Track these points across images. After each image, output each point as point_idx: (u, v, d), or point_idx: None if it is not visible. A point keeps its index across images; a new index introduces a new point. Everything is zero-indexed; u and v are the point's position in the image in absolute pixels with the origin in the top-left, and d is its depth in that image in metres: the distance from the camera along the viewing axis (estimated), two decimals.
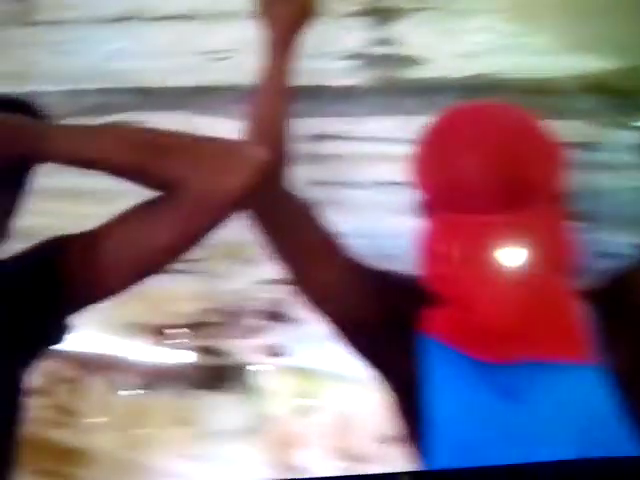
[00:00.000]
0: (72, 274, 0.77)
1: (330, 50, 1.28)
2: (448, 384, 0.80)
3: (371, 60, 1.28)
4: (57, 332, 0.81)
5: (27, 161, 0.84)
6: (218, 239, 1.04)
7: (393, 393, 0.87)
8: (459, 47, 1.20)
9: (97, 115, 1.49)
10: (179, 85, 1.45)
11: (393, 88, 1.27)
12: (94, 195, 1.25)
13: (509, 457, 0.77)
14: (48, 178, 0.83)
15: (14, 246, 0.97)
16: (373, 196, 1.27)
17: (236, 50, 1.28)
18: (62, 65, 1.55)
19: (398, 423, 0.86)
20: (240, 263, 1.22)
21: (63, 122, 1.43)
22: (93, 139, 0.83)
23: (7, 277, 0.78)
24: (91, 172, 0.83)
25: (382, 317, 0.87)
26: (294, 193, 0.97)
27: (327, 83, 1.30)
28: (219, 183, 0.78)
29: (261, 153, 0.82)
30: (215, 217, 0.81)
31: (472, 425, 0.79)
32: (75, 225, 0.81)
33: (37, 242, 0.81)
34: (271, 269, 1.02)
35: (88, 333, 1.52)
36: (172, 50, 1.44)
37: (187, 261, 1.40)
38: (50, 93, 1.53)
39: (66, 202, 1.39)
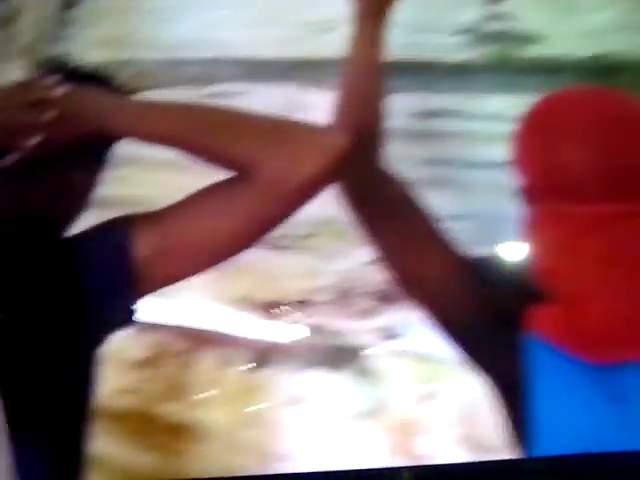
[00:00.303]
0: (140, 255, 0.83)
1: (443, 24, 1.33)
2: (552, 384, 0.83)
3: (485, 36, 1.32)
4: (125, 315, 0.87)
5: (101, 136, 0.90)
6: (326, 216, 1.04)
7: (496, 390, 0.92)
8: (578, 25, 1.23)
9: (197, 85, 1.62)
10: (282, 57, 1.52)
11: (508, 65, 1.31)
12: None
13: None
14: (150, 149, 0.89)
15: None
16: (487, 176, 1.33)
17: (342, 21, 1.30)
18: (162, 33, 1.68)
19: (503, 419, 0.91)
20: (350, 242, 1.30)
21: (162, 92, 1.50)
22: (168, 116, 0.90)
23: (76, 254, 0.85)
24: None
25: (484, 313, 0.90)
26: (391, 174, 1.02)
27: (440, 58, 1.36)
28: (293, 169, 0.82)
29: (341, 140, 0.86)
30: (288, 204, 0.85)
31: (576, 427, 0.82)
32: (177, 196, 0.87)
33: (108, 219, 0.88)
34: None
35: (198, 307, 1.68)
36: (275, 20, 1.53)
37: (295, 238, 1.51)
38: (149, 61, 1.69)
39: (168, 173, 1.46)
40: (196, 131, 0.88)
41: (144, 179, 1.68)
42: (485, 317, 0.90)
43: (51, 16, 1.82)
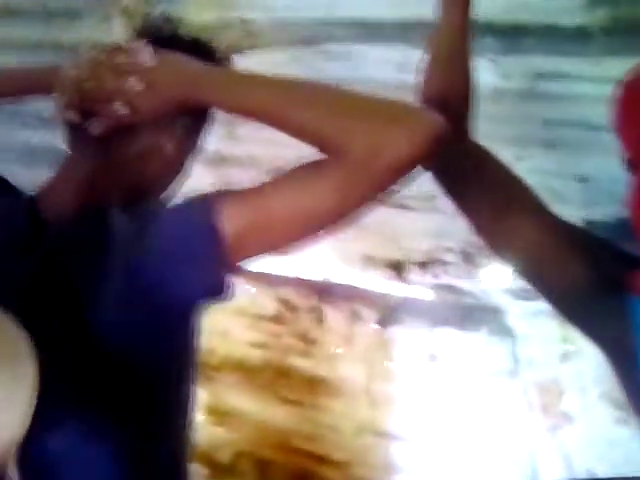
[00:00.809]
0: (231, 229, 0.90)
1: None
2: None
3: None
4: (215, 288, 0.94)
5: (192, 106, 1.00)
6: None
7: (607, 357, 0.99)
8: None
9: (307, 45, 1.80)
10: (393, 17, 1.68)
11: (627, 27, 1.42)
12: None
13: None
14: None
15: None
16: (602, 138, 1.35)
17: None
18: None
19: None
20: None
21: (270, 52, 1.70)
22: (261, 89, 0.98)
23: (169, 227, 0.94)
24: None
25: (587, 278, 0.96)
26: (476, 142, 1.12)
27: (556, 21, 1.48)
28: (387, 149, 0.87)
29: (437, 119, 0.92)
30: (380, 183, 0.91)
31: None
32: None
33: (199, 194, 0.97)
34: None
35: (326, 263, 1.89)
36: None
37: (419, 198, 1.57)
38: (258, 21, 1.89)
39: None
40: (287, 106, 0.95)
41: (261, 137, 1.91)
42: (588, 283, 0.95)
43: None
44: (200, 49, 1.10)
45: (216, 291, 0.95)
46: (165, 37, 1.12)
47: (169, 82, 0.98)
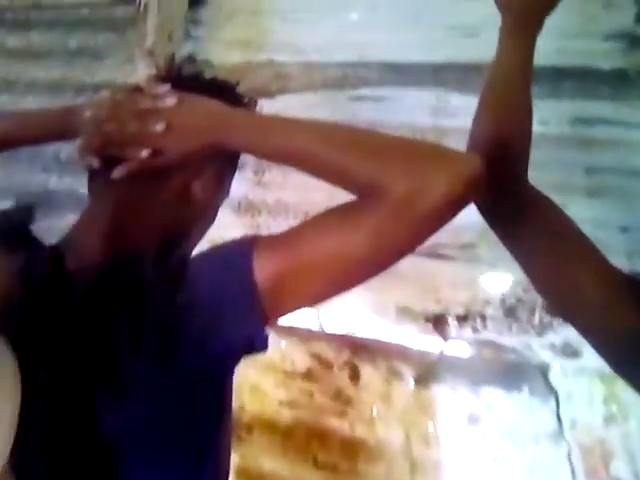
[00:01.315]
0: (265, 278, 0.94)
1: (593, 29, 1.62)
2: None
3: (638, 40, 1.59)
4: (257, 339, 0.98)
5: (217, 150, 1.05)
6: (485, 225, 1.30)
7: None
8: None
9: (340, 89, 1.95)
10: (425, 61, 1.83)
11: None
12: None
13: None
14: None
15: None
16: None
17: (487, 25, 1.67)
18: (298, 34, 2.04)
19: None
20: None
21: (302, 95, 1.83)
22: (289, 133, 1.02)
23: (203, 280, 0.97)
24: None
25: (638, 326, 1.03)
26: (534, 188, 1.20)
27: (594, 64, 1.63)
28: (426, 190, 0.92)
29: (476, 162, 0.97)
30: (419, 229, 0.96)
31: None
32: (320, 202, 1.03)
33: (231, 240, 1.02)
34: None
35: (360, 315, 1.98)
36: (415, 24, 1.85)
37: (456, 247, 1.68)
38: (287, 64, 2.07)
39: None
40: (320, 148, 0.99)
41: (290, 183, 2.03)
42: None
43: (179, 16, 2.19)
44: (225, 92, 1.17)
45: (253, 345, 0.98)
46: (189, 79, 1.21)
47: (193, 125, 1.03)
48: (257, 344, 0.98)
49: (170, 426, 0.98)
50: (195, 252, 1.13)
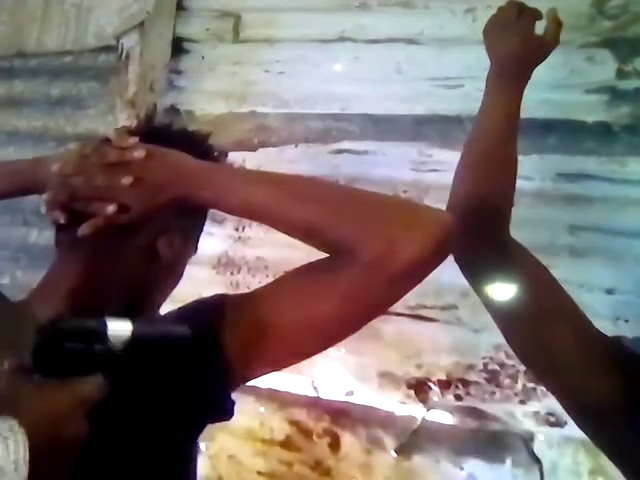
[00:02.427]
0: (235, 339, 0.96)
1: (576, 82, 1.65)
2: None
3: (621, 94, 1.62)
4: (224, 407, 0.99)
5: (185, 204, 1.06)
6: (464, 287, 1.30)
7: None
8: None
9: (321, 142, 2.01)
10: (409, 113, 1.87)
11: None
12: None
13: None
14: None
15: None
16: (637, 245, 1.60)
17: (469, 77, 1.73)
18: (281, 86, 2.08)
19: None
20: None
21: (283, 148, 1.87)
22: (255, 188, 1.03)
23: (172, 341, 0.95)
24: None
25: (619, 397, 1.05)
26: (516, 242, 1.23)
27: (578, 117, 1.67)
28: (397, 251, 0.93)
29: (447, 219, 1.00)
30: (393, 287, 0.97)
31: None
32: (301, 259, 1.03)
33: (200, 299, 1.04)
34: None
35: (341, 380, 1.98)
36: (398, 76, 1.89)
37: (435, 308, 1.68)
38: (270, 115, 2.11)
39: None
40: (289, 204, 1.00)
41: (270, 240, 2.03)
42: (623, 400, 1.04)
43: (161, 66, 2.23)
44: (195, 143, 1.17)
45: (220, 412, 0.99)
46: (158, 130, 1.23)
47: (161, 179, 1.03)
48: (224, 411, 1.00)
49: None
50: (167, 309, 1.14)
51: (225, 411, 1.00)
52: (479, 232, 1.20)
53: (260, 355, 0.98)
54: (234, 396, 1.01)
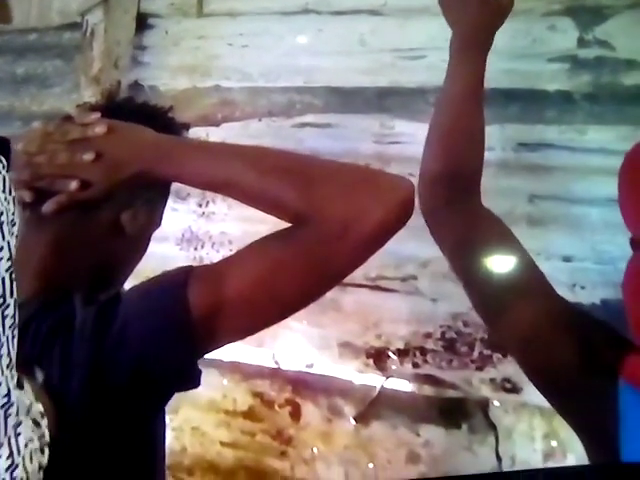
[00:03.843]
0: (200, 309, 0.93)
1: (538, 51, 1.60)
2: None
3: (582, 63, 1.58)
4: (190, 375, 0.98)
5: (148, 178, 1.04)
6: (423, 257, 1.25)
7: (584, 443, 1.08)
8: None
9: (285, 116, 1.96)
10: (372, 85, 1.82)
11: (612, 94, 1.55)
12: None
13: None
14: None
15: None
16: (602, 214, 1.55)
17: (433, 48, 1.68)
18: (244, 60, 2.03)
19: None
20: (456, 284, 1.43)
21: (246, 123, 1.81)
22: (220, 159, 1.02)
23: (135, 313, 0.95)
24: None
25: (579, 361, 1.04)
26: (487, 210, 1.22)
27: (540, 87, 1.63)
28: (359, 218, 0.93)
29: (407, 185, 0.99)
30: (353, 253, 0.96)
31: None
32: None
33: (165, 272, 1.01)
34: None
35: (301, 352, 1.96)
36: (362, 48, 1.84)
37: (395, 279, 1.65)
38: (234, 89, 2.05)
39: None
40: (251, 175, 0.98)
41: (234, 215, 2.00)
42: (579, 365, 1.03)
43: (125, 42, 2.16)
44: (156, 117, 1.17)
45: (186, 381, 0.98)
46: (120, 105, 1.21)
47: (122, 153, 1.02)
48: (190, 379, 0.98)
49: (97, 466, 0.94)
50: (132, 284, 1.10)
51: (191, 379, 0.98)
52: (450, 198, 1.19)
53: (224, 323, 0.95)
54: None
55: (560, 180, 1.61)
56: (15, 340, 0.72)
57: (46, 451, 0.77)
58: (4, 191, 0.70)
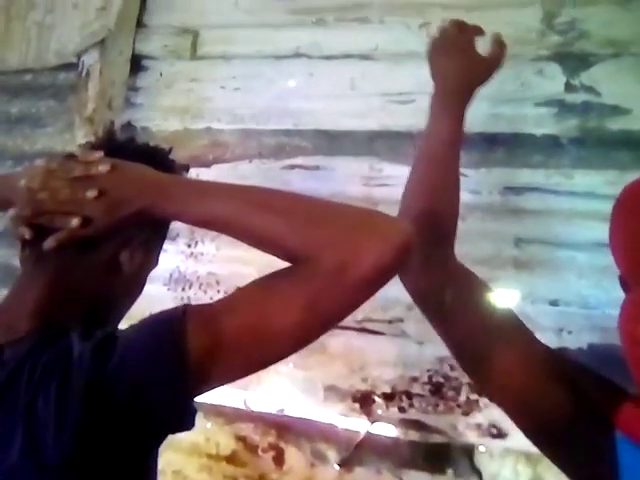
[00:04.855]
0: (195, 350, 0.92)
1: (526, 96, 1.62)
2: None
3: (569, 107, 1.60)
4: (186, 416, 0.96)
5: (148, 217, 1.04)
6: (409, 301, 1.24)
7: None
8: None
9: (274, 158, 1.96)
10: (362, 129, 1.83)
11: (598, 139, 1.57)
12: None
13: None
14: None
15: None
16: (588, 258, 1.55)
17: (422, 93, 1.56)
18: (235, 102, 2.05)
19: None
20: None
21: (237, 164, 1.81)
22: (216, 199, 1.01)
23: (131, 349, 0.94)
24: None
25: (573, 411, 1.00)
26: (460, 263, 1.20)
27: (527, 131, 1.64)
28: (357, 259, 0.91)
29: (407, 229, 0.97)
30: (351, 296, 0.95)
31: None
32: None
33: (161, 311, 0.99)
34: None
35: (290, 395, 1.93)
36: (352, 91, 1.86)
37: (382, 322, 1.63)
38: (225, 131, 2.07)
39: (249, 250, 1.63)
40: (250, 214, 0.98)
41: (222, 256, 1.97)
42: (574, 416, 0.99)
43: (119, 83, 2.17)
44: (157, 157, 1.16)
45: (181, 422, 0.96)
46: (122, 144, 1.20)
47: (126, 191, 1.02)
48: (185, 421, 0.96)
49: None
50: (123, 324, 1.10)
51: (187, 420, 0.96)
52: (423, 250, 1.14)
53: (219, 364, 0.94)
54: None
55: (546, 224, 1.61)
56: None
57: None
58: None
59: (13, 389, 0.94)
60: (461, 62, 1.25)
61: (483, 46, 1.28)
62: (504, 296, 1.40)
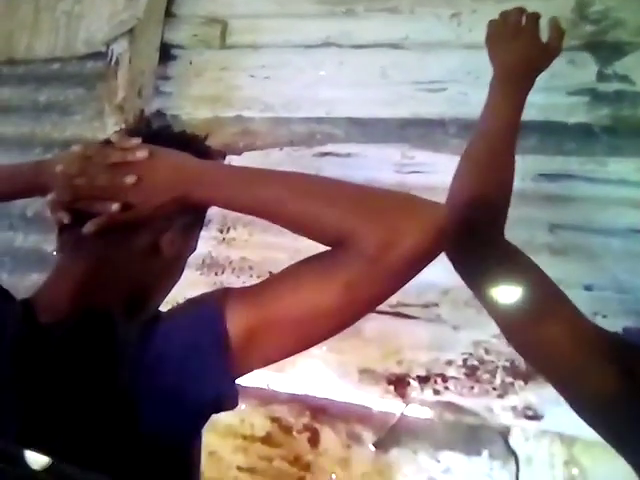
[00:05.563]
0: (236, 333, 0.93)
1: (558, 85, 1.63)
2: None
3: (602, 97, 1.62)
4: (230, 395, 0.97)
5: (186, 203, 1.04)
6: (445, 285, 1.24)
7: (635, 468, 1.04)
8: None
9: (306, 145, 1.99)
10: (393, 116, 1.85)
11: (632, 127, 1.59)
12: None
13: None
14: None
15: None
16: (623, 244, 1.58)
17: (453, 81, 1.71)
18: (266, 91, 2.07)
19: None
20: (478, 311, 1.48)
21: (268, 152, 1.83)
22: (257, 184, 1.01)
23: (171, 334, 0.96)
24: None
25: (621, 387, 1.01)
26: (511, 245, 1.21)
27: (559, 119, 1.66)
28: (397, 241, 0.91)
29: (442, 211, 0.98)
30: (394, 278, 0.95)
31: None
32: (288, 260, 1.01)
33: (202, 294, 1.01)
34: None
35: (320, 378, 1.96)
36: (383, 80, 1.88)
37: (418, 307, 1.65)
38: (255, 119, 2.09)
39: (280, 236, 1.63)
40: (291, 199, 0.98)
41: (254, 242, 2.01)
42: (623, 392, 1.00)
43: (149, 72, 2.19)
44: (194, 144, 1.16)
45: (224, 402, 0.96)
46: (158, 132, 1.20)
47: (163, 178, 1.02)
48: (228, 401, 0.97)
49: None
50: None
51: (230, 400, 0.97)
52: (476, 230, 1.17)
53: (259, 346, 0.95)
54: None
55: (581, 210, 1.63)
56: None
57: None
58: None
59: (58, 369, 0.95)
60: (525, 48, 1.25)
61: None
62: None
